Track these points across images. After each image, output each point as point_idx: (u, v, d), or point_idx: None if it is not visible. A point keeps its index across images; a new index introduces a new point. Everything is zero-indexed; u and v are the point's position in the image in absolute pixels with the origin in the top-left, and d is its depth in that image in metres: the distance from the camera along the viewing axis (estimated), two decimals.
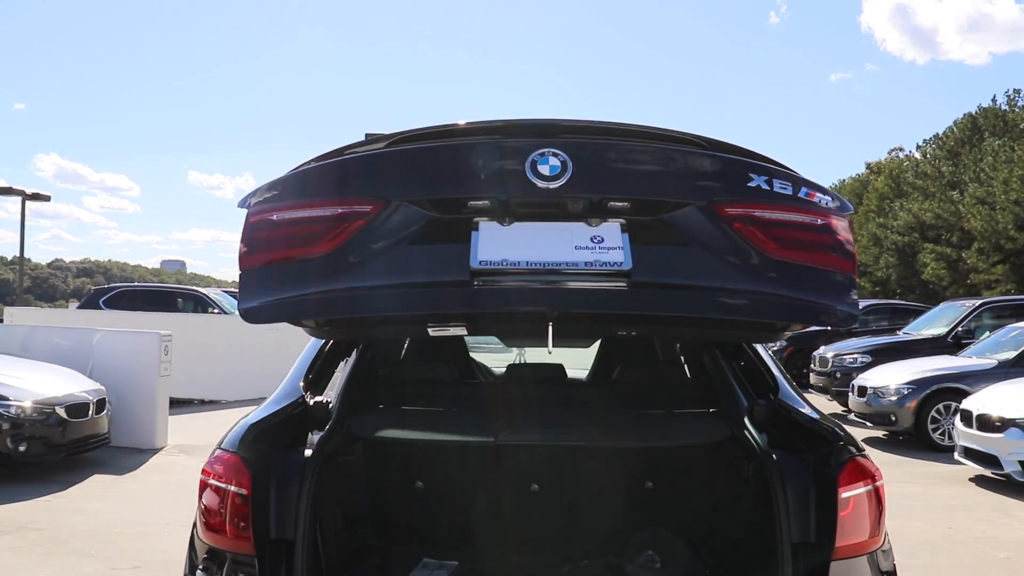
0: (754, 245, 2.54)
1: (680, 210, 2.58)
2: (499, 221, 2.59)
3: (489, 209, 2.59)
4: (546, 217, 2.60)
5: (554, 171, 2.54)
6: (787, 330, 3.05)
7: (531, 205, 2.59)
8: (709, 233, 2.55)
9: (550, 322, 2.80)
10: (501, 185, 2.59)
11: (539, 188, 2.53)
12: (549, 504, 4.11)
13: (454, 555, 3.93)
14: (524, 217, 2.59)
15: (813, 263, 2.58)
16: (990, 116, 45.10)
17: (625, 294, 2.51)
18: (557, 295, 2.52)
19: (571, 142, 2.61)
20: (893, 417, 12.00)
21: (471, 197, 2.59)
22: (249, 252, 2.67)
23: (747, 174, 2.61)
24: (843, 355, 15.33)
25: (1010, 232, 36.91)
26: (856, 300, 2.65)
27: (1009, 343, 12.53)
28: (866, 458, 3.12)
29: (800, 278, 2.57)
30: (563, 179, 2.53)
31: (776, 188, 2.59)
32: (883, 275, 47.58)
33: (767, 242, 2.55)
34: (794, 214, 2.60)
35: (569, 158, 2.55)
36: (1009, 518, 7.99)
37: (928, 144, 49.90)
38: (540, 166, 2.54)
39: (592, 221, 2.58)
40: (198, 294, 20.71)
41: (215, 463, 3.10)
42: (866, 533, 3.04)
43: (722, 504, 3.86)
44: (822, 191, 2.68)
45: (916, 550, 6.67)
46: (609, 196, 2.58)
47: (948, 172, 44.47)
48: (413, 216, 2.59)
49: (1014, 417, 9.08)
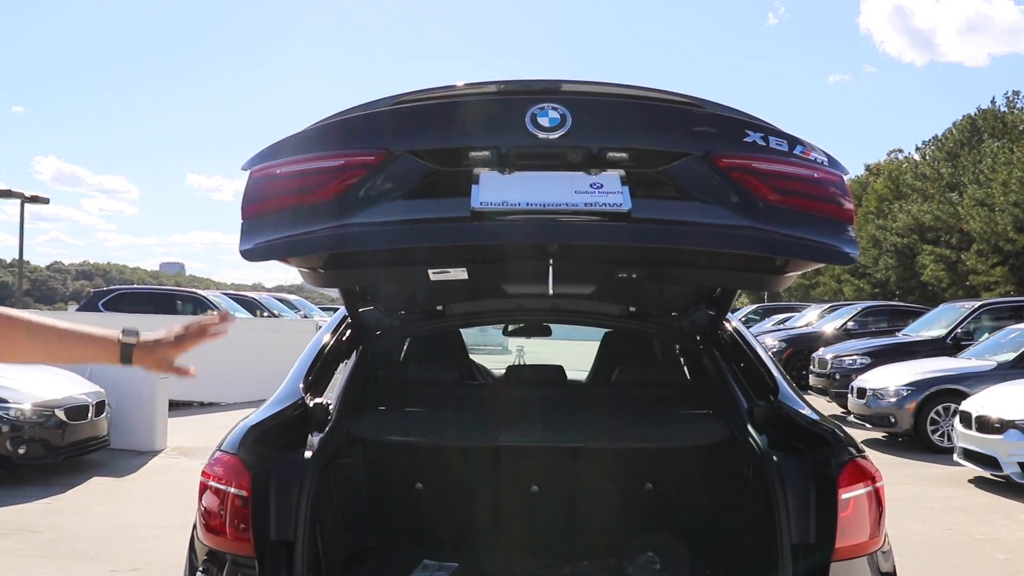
0: (752, 192, 2.57)
1: (678, 161, 2.61)
2: (499, 171, 2.62)
3: (489, 160, 2.62)
4: (546, 168, 2.63)
5: (553, 122, 2.57)
6: (787, 273, 2.99)
7: (531, 156, 2.62)
8: (707, 182, 2.59)
9: (550, 260, 2.80)
10: (501, 136, 2.63)
11: (539, 139, 2.57)
12: (549, 505, 4.11)
13: (454, 557, 3.93)
14: (524, 168, 2.62)
15: (811, 210, 2.61)
16: (989, 118, 45.14)
17: (624, 228, 2.54)
18: (557, 228, 2.54)
19: (570, 98, 2.65)
20: (892, 419, 12.00)
21: (471, 148, 2.63)
22: (251, 203, 2.68)
23: (743, 130, 2.66)
24: (842, 357, 15.34)
25: (1009, 234, 36.94)
26: (854, 241, 2.66)
27: (1008, 345, 12.53)
28: (866, 459, 3.12)
29: (798, 220, 2.59)
30: (562, 130, 2.57)
31: (772, 144, 2.63)
32: (882, 276, 47.61)
33: (765, 190, 2.58)
34: (790, 167, 2.63)
35: (568, 111, 2.59)
36: (1008, 519, 7.99)
37: (927, 146, 49.96)
38: (540, 118, 2.57)
39: (592, 171, 2.61)
40: (197, 296, 20.73)
41: (215, 465, 3.10)
42: (866, 534, 3.04)
43: (722, 505, 3.86)
44: (817, 150, 2.72)
45: (915, 551, 6.67)
46: (608, 146, 2.62)
47: (947, 174, 44.52)
48: (414, 167, 2.62)
49: (1013, 419, 9.08)
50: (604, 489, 4.14)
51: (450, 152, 2.66)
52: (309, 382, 3.70)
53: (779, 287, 3.07)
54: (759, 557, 3.26)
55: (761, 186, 2.58)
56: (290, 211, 2.61)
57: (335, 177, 2.59)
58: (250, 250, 2.64)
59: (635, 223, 2.53)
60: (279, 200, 2.63)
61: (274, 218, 2.63)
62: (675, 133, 2.69)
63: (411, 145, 2.63)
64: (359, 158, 2.61)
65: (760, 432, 3.46)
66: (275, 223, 2.62)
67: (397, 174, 2.61)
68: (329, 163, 2.62)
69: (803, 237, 2.58)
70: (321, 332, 4.19)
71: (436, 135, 2.67)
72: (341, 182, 2.59)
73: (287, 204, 2.62)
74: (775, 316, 27.92)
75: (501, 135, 2.62)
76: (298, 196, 2.61)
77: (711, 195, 2.59)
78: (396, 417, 4.17)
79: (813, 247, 2.60)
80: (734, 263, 2.94)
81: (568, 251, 2.73)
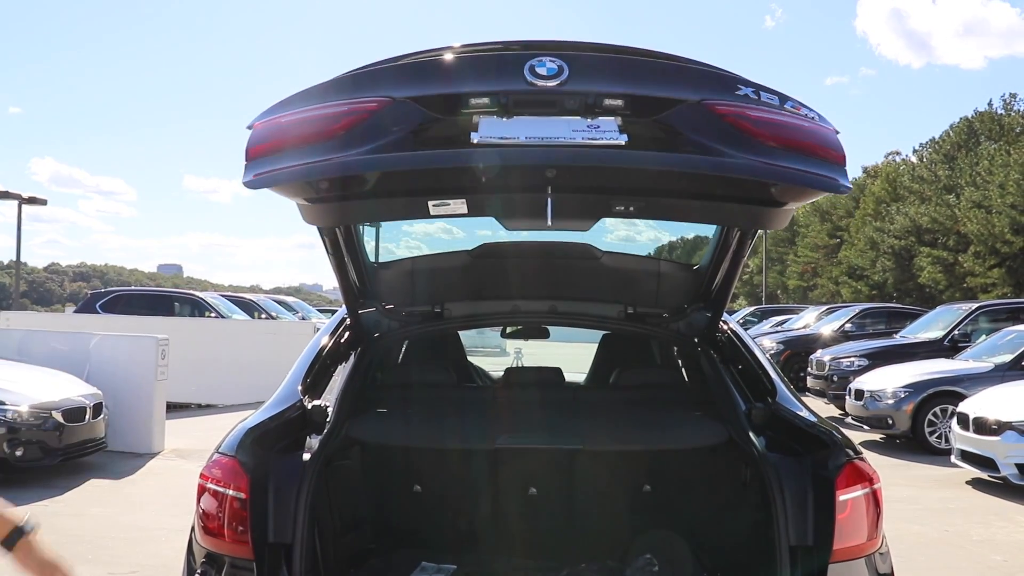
0: (746, 134, 2.64)
1: (674, 108, 2.67)
2: (498, 117, 2.69)
3: (488, 107, 2.69)
4: (544, 114, 2.70)
5: (551, 72, 2.65)
6: (784, 206, 3.00)
7: (529, 104, 2.69)
8: (703, 126, 2.66)
9: (548, 188, 2.82)
10: (500, 85, 2.70)
11: (537, 87, 2.64)
12: (547, 508, 4.12)
13: (452, 559, 3.93)
14: (522, 114, 2.70)
15: (803, 150, 2.68)
16: (986, 120, 45.22)
17: (622, 152, 2.61)
18: (555, 152, 2.61)
19: (567, 52, 2.74)
20: (890, 420, 12.01)
21: (471, 94, 2.70)
22: (254, 146, 2.73)
23: (736, 84, 2.74)
24: (840, 358, 15.35)
25: (1006, 236, 37.00)
26: (847, 176, 2.71)
27: (1005, 346, 12.55)
28: (864, 461, 3.12)
29: (792, 156, 2.66)
30: (560, 79, 2.65)
31: (764, 98, 2.72)
32: (880, 279, 47.64)
33: (759, 132, 2.65)
34: (783, 117, 2.71)
35: (566, 64, 2.67)
36: (1005, 521, 8.00)
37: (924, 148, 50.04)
38: (538, 68, 2.65)
39: (589, 117, 2.67)
40: (195, 298, 20.72)
41: (213, 467, 3.10)
42: (864, 536, 3.04)
43: (720, 507, 3.87)
44: (807, 107, 2.79)
45: (913, 553, 6.68)
46: (605, 92, 2.68)
47: (944, 176, 44.58)
48: (415, 114, 2.68)
49: (1010, 420, 9.09)
50: (602, 491, 4.15)
51: (450, 99, 2.72)
52: (307, 384, 3.70)
53: (776, 223, 3.05)
54: (757, 559, 3.27)
55: (755, 130, 2.66)
56: (293, 148, 2.68)
57: (337, 121, 2.67)
58: (251, 180, 2.68)
59: (632, 149, 2.61)
60: (282, 141, 2.69)
61: (277, 155, 2.69)
62: (670, 83, 2.77)
63: (412, 92, 2.70)
64: (361, 105, 2.68)
65: (758, 434, 3.46)
66: (277, 158, 2.68)
67: (399, 119, 2.67)
68: (332, 110, 2.69)
69: (797, 168, 2.65)
70: (319, 334, 4.19)
71: (437, 84, 2.75)
72: (343, 125, 2.66)
73: (290, 144, 2.68)
74: (773, 318, 27.94)
75: (500, 84, 2.70)
76: (301, 137, 2.68)
77: (707, 137, 2.66)
78: (394, 419, 4.17)
79: (807, 175, 2.66)
80: (730, 194, 2.95)
81: (566, 178, 2.76)
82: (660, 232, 4.64)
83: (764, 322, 27.90)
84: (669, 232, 4.66)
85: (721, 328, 4.23)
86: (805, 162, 2.65)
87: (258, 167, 2.67)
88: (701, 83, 2.75)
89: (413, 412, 4.21)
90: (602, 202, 2.95)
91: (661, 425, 4.09)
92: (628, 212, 3.03)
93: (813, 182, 2.66)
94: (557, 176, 2.72)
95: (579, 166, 2.67)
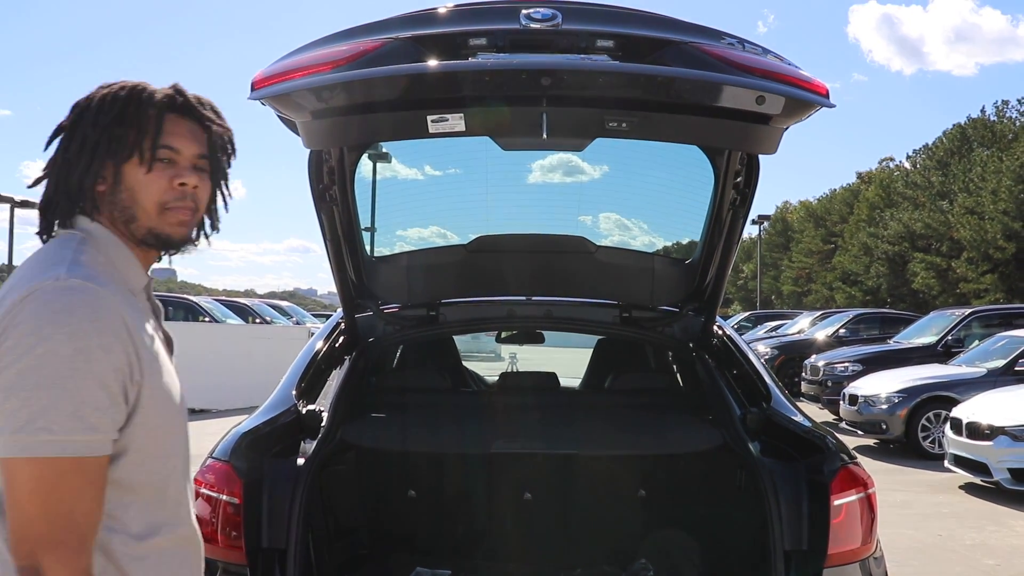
0: (736, 68, 2.78)
1: (665, 48, 2.82)
2: (496, 54, 2.84)
3: (485, 47, 2.84)
4: (539, 52, 2.86)
5: (545, 16, 2.80)
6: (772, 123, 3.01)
7: (524, 44, 2.83)
8: (693, 63, 2.79)
9: (544, 101, 2.89)
10: (496, 26, 2.86)
11: (531, 28, 2.79)
12: (542, 513, 4.11)
13: (447, 564, 3.92)
14: (518, 52, 2.86)
15: (790, 82, 2.80)
16: (979, 127, 45.41)
17: (618, 63, 2.81)
18: (551, 61, 2.80)
19: (560, 2, 2.90)
20: (884, 425, 12.04)
21: (469, 34, 2.85)
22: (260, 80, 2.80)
23: (722, 35, 2.91)
24: (834, 364, 15.38)
25: (999, 242, 37.16)
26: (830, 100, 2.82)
27: (998, 352, 12.60)
28: (858, 466, 3.13)
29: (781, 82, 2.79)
30: (554, 22, 2.80)
31: (747, 48, 2.89)
32: (874, 284, 47.80)
33: (747, 67, 2.79)
34: (768, 58, 2.86)
35: (559, 11, 2.82)
36: (998, 525, 8.02)
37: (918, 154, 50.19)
38: (533, 14, 2.80)
39: (582, 56, 2.82)
40: (188, 302, 20.69)
41: (207, 472, 3.09)
42: (858, 540, 3.05)
43: (715, 512, 3.87)
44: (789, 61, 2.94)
45: (907, 558, 6.69)
46: (598, 33, 2.84)
47: (938, 182, 44.77)
48: (416, 53, 2.80)
49: (1003, 425, 9.12)
50: (597, 496, 4.14)
51: (449, 38, 2.86)
52: (302, 389, 3.69)
53: (766, 145, 3.08)
54: (752, 563, 3.27)
55: (744, 65, 2.80)
56: (296, 79, 2.78)
57: (339, 57, 2.78)
58: (255, 93, 2.76)
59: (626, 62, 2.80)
60: (286, 75, 2.78)
61: (280, 83, 2.78)
62: (661, 28, 2.93)
63: (411, 31, 2.85)
64: (364, 44, 2.81)
65: (753, 439, 3.47)
66: (281, 84, 2.77)
67: (401, 57, 2.78)
68: (336, 49, 2.81)
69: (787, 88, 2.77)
70: (314, 339, 4.19)
71: (436, 27, 2.91)
72: (347, 59, 2.77)
73: (294, 76, 2.78)
74: (767, 323, 28.00)
75: (496, 25, 2.86)
76: (304, 71, 2.78)
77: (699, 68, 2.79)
78: (389, 424, 4.16)
79: (794, 87, 2.78)
80: (721, 107, 2.98)
81: (561, 87, 2.80)
82: (654, 237, 4.65)
83: (759, 327, 27.96)
84: (663, 237, 4.68)
85: (715, 333, 4.24)
86: (792, 85, 2.78)
87: (262, 89, 2.76)
88: (690, 30, 2.92)
89: (408, 417, 4.21)
90: (596, 118, 2.99)
91: (655, 430, 4.09)
92: (621, 130, 3.06)
93: (801, 95, 2.78)
94: (552, 85, 2.77)
95: (574, 71, 2.78)
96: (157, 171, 1.67)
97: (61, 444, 1.47)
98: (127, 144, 1.66)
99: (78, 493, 1.49)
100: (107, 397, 1.52)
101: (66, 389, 1.47)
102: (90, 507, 1.51)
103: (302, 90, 2.79)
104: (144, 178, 1.66)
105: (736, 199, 3.61)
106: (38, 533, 1.46)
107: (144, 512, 1.63)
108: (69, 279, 1.54)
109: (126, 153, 1.66)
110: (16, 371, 1.47)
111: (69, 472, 1.48)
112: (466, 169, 4.32)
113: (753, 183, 3.47)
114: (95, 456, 1.51)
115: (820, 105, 2.81)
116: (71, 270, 1.56)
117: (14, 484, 1.48)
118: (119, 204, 1.68)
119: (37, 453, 1.46)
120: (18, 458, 1.47)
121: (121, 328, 1.56)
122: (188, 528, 1.73)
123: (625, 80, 2.83)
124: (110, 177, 1.68)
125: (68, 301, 1.51)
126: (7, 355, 1.49)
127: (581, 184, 4.36)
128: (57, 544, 1.46)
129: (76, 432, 1.48)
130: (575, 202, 4.50)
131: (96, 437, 1.50)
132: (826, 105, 2.80)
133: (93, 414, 1.49)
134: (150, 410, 1.61)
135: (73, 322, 1.50)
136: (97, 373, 1.50)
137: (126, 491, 1.59)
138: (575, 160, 4.23)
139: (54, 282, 1.54)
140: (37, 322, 1.50)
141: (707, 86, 2.80)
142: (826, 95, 2.81)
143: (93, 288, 1.55)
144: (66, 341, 1.49)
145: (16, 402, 1.46)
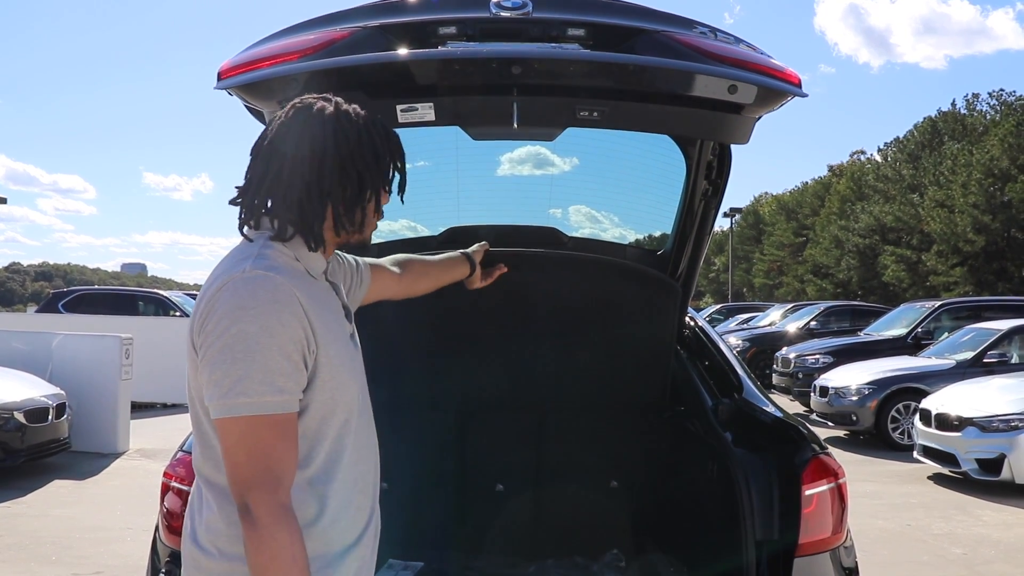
0: (707, 56, 2.79)
1: (637, 37, 2.82)
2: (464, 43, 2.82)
3: (455, 36, 2.83)
4: (509, 41, 2.84)
5: (516, 4, 2.79)
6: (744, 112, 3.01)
7: (494, 33, 2.82)
8: (665, 53, 2.78)
9: (514, 90, 2.89)
10: (466, 14, 2.84)
11: (502, 17, 2.78)
12: (514, 504, 4.12)
13: (419, 555, 3.92)
14: (488, 42, 2.83)
15: (762, 71, 2.81)
16: (949, 120, 45.87)
17: (588, 51, 2.80)
18: (521, 51, 2.78)
19: None
20: (854, 417, 12.15)
21: (439, 22, 2.83)
22: (226, 69, 2.78)
23: (694, 24, 2.91)
24: (805, 356, 15.51)
25: (968, 235, 37.58)
26: (802, 89, 2.82)
27: (967, 344, 12.75)
28: (829, 456, 3.15)
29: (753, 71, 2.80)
30: (524, 10, 2.79)
31: (719, 37, 2.88)
32: (844, 277, 48.21)
33: (720, 56, 2.79)
34: (740, 47, 2.86)
35: (529, 1, 2.81)
36: (966, 515, 8.13)
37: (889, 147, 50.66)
38: (503, 2, 2.80)
39: (553, 45, 2.81)
40: (159, 297, 20.48)
41: (177, 465, 3.06)
42: (829, 530, 3.07)
43: (687, 502, 3.89)
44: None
45: (876, 547, 6.77)
46: (569, 21, 2.83)
47: (908, 175, 45.19)
48: (384, 43, 2.79)
49: (971, 416, 9.24)
50: (569, 487, 4.15)
51: (419, 27, 2.84)
52: None
53: (738, 134, 3.09)
54: (723, 553, 3.29)
55: (716, 55, 2.80)
56: (263, 68, 2.77)
57: (308, 45, 2.77)
58: (222, 83, 2.75)
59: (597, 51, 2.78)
60: (253, 64, 2.77)
61: (247, 72, 2.77)
62: (633, 17, 2.92)
63: (379, 20, 2.84)
64: (332, 33, 2.79)
65: (725, 429, 3.48)
66: (248, 73, 2.76)
67: (369, 47, 2.78)
68: (303, 38, 2.79)
69: (758, 77, 2.78)
70: None
71: (404, 15, 2.89)
72: (315, 48, 2.76)
73: (261, 65, 2.77)
74: (739, 316, 28.18)
75: (466, 13, 2.84)
76: (271, 60, 2.77)
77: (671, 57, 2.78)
78: None
79: (766, 76, 2.78)
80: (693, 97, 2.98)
81: (531, 76, 2.80)
82: (626, 229, 4.64)
83: (730, 320, 28.13)
84: (635, 229, 4.67)
85: (688, 324, 4.25)
86: (764, 74, 2.79)
87: (229, 79, 2.74)
88: (661, 19, 2.91)
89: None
90: (567, 107, 2.99)
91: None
92: (592, 119, 3.06)
93: (773, 84, 2.78)
94: (523, 74, 2.77)
95: (544, 60, 2.78)
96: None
97: (256, 405, 1.77)
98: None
99: (273, 443, 1.78)
100: (290, 364, 1.80)
101: (256, 360, 1.77)
102: (284, 455, 1.79)
103: (269, 79, 2.78)
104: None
105: (708, 190, 3.62)
106: (244, 476, 1.76)
107: (329, 455, 1.94)
108: (254, 270, 1.83)
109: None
110: (217, 348, 1.79)
111: (264, 427, 1.77)
112: (436, 160, 4.28)
113: (725, 173, 3.48)
114: (284, 413, 1.80)
115: (793, 95, 2.81)
116: (255, 263, 1.85)
117: (226, 439, 1.80)
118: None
119: (238, 413, 1.77)
120: (226, 418, 1.78)
121: (297, 308, 1.82)
122: (365, 464, 2.13)
123: (596, 69, 2.83)
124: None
125: (253, 288, 1.80)
126: (210, 335, 1.80)
127: (552, 176, 4.34)
128: (259, 484, 1.75)
129: (267, 394, 1.77)
130: (547, 194, 4.49)
131: (283, 398, 1.79)
132: (799, 95, 2.80)
133: (280, 379, 1.78)
134: (326, 373, 1.89)
135: (258, 305, 1.79)
136: (280, 345, 1.79)
137: (313, 439, 1.90)
138: (544, 152, 4.21)
139: (242, 274, 1.82)
140: (229, 307, 1.79)
141: (679, 75, 2.80)
142: (798, 84, 2.81)
143: (272, 276, 1.83)
144: (253, 321, 1.78)
145: (220, 373, 1.78)
